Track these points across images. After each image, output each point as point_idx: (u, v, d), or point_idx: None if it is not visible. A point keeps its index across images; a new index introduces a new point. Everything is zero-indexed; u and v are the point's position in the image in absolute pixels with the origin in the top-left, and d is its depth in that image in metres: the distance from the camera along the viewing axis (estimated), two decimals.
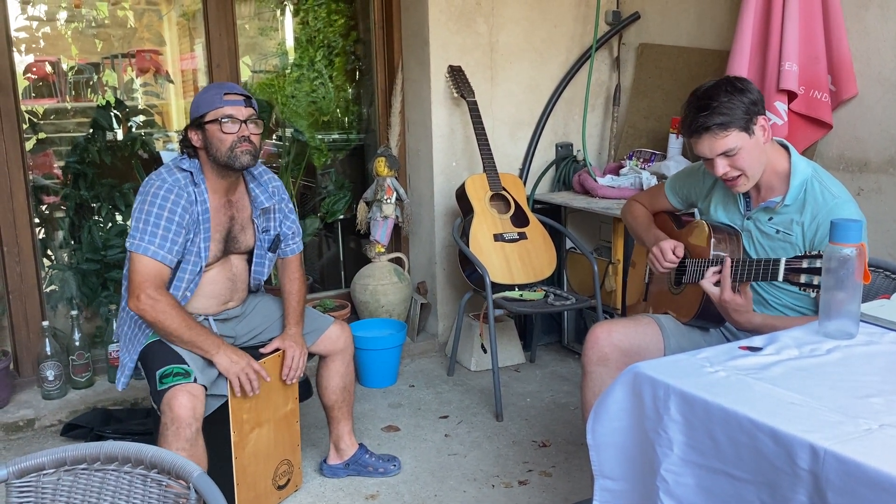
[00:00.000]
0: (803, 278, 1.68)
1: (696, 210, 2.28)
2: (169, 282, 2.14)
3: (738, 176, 1.94)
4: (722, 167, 1.92)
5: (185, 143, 2.19)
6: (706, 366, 1.42)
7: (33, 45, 3.75)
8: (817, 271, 1.64)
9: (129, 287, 2.09)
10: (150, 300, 2.05)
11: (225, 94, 2.15)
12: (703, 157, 1.96)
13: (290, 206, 2.45)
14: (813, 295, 1.77)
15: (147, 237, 2.07)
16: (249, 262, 2.36)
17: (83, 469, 1.17)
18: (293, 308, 2.38)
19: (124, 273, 2.25)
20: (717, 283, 1.90)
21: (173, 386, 2.02)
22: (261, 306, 2.43)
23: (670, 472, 1.35)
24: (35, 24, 3.70)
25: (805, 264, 1.67)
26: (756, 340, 1.54)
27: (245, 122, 2.15)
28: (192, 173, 2.17)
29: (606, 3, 3.82)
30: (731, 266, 1.87)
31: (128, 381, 2.21)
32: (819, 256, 1.65)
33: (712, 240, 2.00)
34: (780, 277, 1.73)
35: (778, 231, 1.98)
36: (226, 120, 2.13)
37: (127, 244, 2.10)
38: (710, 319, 2.06)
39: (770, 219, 2.00)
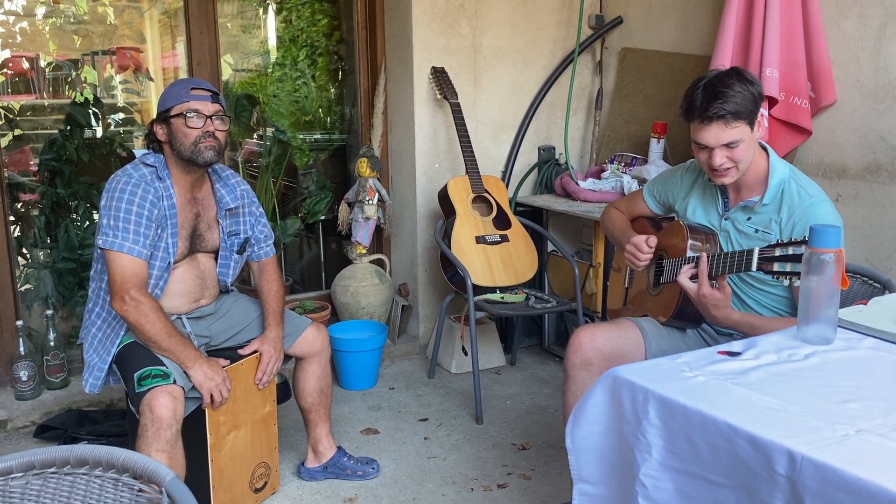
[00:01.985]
0: (776, 266, 1.68)
1: (674, 214, 2.28)
2: None
3: (731, 168, 1.94)
4: (720, 158, 1.91)
5: (151, 138, 2.18)
6: (685, 370, 1.42)
7: (10, 41, 3.69)
8: (790, 258, 1.65)
9: (112, 287, 2.06)
10: (134, 301, 2.03)
11: (192, 88, 2.14)
12: (702, 144, 1.93)
13: (261, 209, 2.44)
14: (786, 283, 1.76)
15: (121, 234, 2.04)
16: (217, 260, 2.35)
17: (52, 473, 1.14)
18: (273, 310, 2.36)
19: (91, 274, 2.22)
20: (694, 279, 1.91)
21: (153, 387, 1.99)
22: (237, 306, 2.41)
23: (649, 477, 1.34)
24: (12, 18, 3.65)
25: (778, 252, 1.68)
26: (735, 345, 1.54)
27: (210, 117, 2.14)
28: (156, 168, 2.16)
29: (590, 7, 3.83)
30: (707, 260, 1.87)
31: (97, 382, 2.16)
32: (791, 244, 1.66)
33: (689, 240, 2.01)
34: (754, 267, 1.73)
35: (757, 230, 1.99)
36: (191, 114, 2.11)
37: (99, 242, 2.07)
38: (687, 319, 2.07)
39: (748, 218, 2.02)
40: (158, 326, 2.05)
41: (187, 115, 2.11)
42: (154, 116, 2.20)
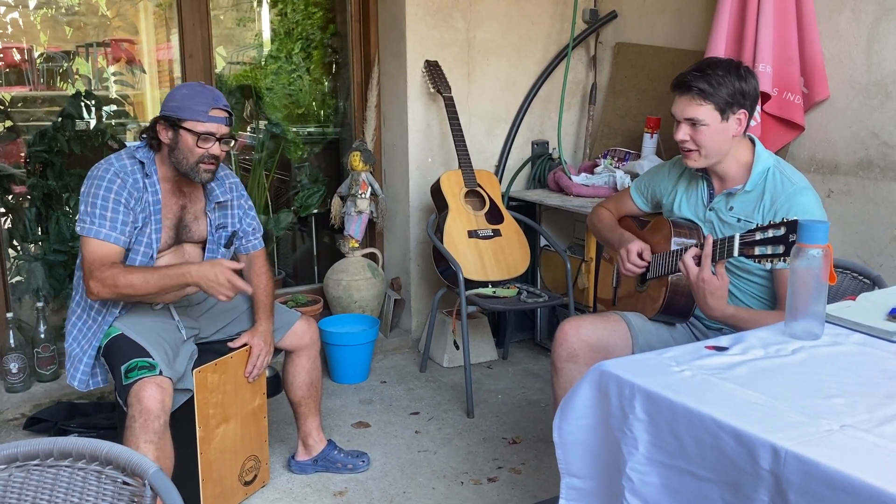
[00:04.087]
0: (757, 250, 1.69)
1: (661, 209, 2.29)
2: None
3: (693, 150, 1.99)
4: (682, 133, 1.97)
5: (151, 135, 2.15)
6: (672, 365, 1.42)
7: (2, 31, 3.67)
8: (769, 241, 1.66)
9: (83, 273, 2.07)
10: (98, 281, 2.02)
11: (212, 108, 2.10)
12: (673, 116, 2.00)
13: (250, 202, 2.44)
14: (768, 267, 1.77)
15: (97, 220, 2.05)
16: (204, 251, 2.34)
17: (36, 465, 1.14)
18: (262, 303, 2.35)
19: (77, 263, 2.21)
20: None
21: (141, 379, 1.99)
22: None
23: (636, 471, 1.35)
24: (3, 9, 3.62)
25: (758, 236, 1.69)
26: (722, 340, 1.54)
27: (220, 140, 2.14)
28: (144, 164, 2.15)
29: (584, 1, 3.82)
30: (713, 243, 1.83)
31: (77, 375, 2.16)
32: (770, 227, 1.67)
33: (673, 235, 2.02)
34: (736, 253, 1.74)
35: (739, 220, 2.00)
36: (204, 137, 2.10)
37: (77, 229, 2.08)
38: (675, 313, 2.07)
39: (731, 208, 2.02)
40: (134, 280, 2.02)
41: (201, 136, 2.10)
42: (151, 109, 2.19)
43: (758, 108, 2.86)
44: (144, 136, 2.17)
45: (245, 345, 2.29)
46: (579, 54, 3.90)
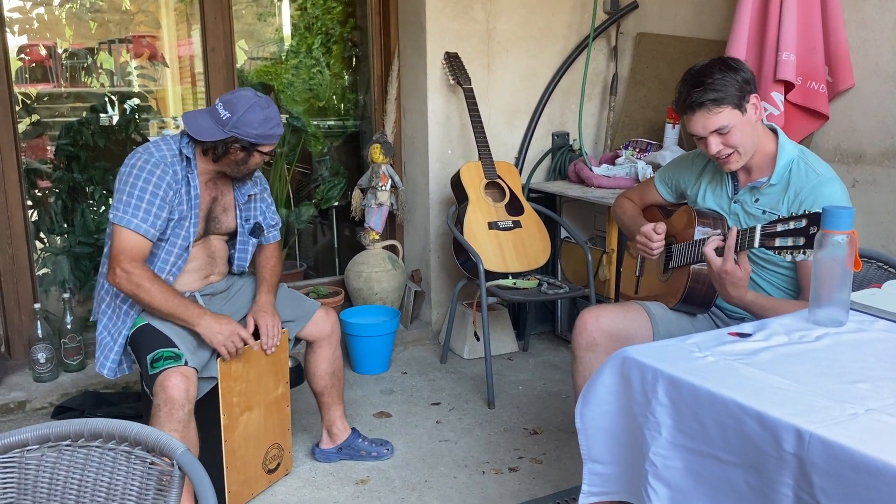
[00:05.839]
0: (778, 241, 1.68)
1: (686, 200, 2.28)
2: (153, 260, 2.15)
3: (731, 153, 1.95)
4: (715, 145, 1.93)
5: (223, 149, 2.15)
6: (695, 351, 1.41)
7: (27, 27, 3.73)
8: (791, 233, 1.64)
9: (109, 261, 2.10)
10: (125, 273, 2.05)
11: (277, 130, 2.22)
12: (696, 135, 1.96)
13: (271, 197, 2.50)
14: (788, 259, 1.75)
15: (131, 210, 2.07)
16: (227, 242, 2.38)
17: (67, 445, 1.16)
18: (265, 279, 2.38)
19: (105, 251, 2.24)
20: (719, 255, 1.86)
21: (166, 369, 2.01)
22: (247, 287, 2.44)
23: (659, 456, 1.35)
24: (29, 4, 3.67)
25: (779, 227, 1.67)
26: (745, 327, 1.54)
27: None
28: (190, 159, 2.18)
29: None
30: (737, 234, 1.80)
31: (107, 363, 2.19)
32: (792, 218, 1.65)
33: (697, 225, 2.01)
34: (757, 244, 1.73)
35: (764, 212, 1.99)
36: (269, 153, 2.23)
37: (110, 216, 2.10)
38: (696, 303, 2.06)
39: (756, 200, 2.01)
40: (154, 292, 2.07)
41: (268, 154, 2.22)
42: (172, 103, 2.23)
43: (781, 96, 2.85)
44: (206, 147, 2.16)
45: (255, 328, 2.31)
46: (600, 45, 3.88)
